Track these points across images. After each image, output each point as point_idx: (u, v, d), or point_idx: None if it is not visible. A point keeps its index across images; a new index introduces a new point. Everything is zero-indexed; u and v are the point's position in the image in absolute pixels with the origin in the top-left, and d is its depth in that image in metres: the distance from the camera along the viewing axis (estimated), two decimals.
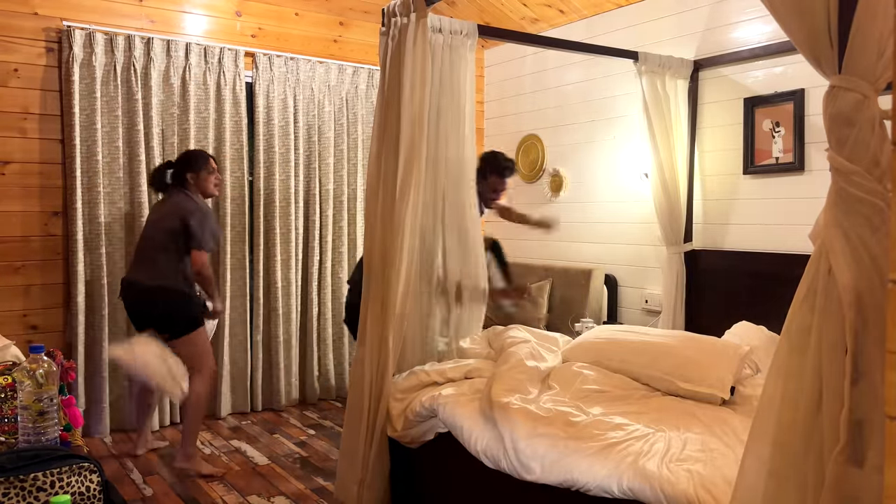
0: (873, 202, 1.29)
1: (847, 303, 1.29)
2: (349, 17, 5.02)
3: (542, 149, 5.13)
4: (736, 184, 3.90)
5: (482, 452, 2.48)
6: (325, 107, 4.82)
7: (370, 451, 2.89)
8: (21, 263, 3.97)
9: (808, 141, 3.56)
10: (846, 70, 1.35)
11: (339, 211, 4.91)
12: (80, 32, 3.97)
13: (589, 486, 2.12)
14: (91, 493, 1.50)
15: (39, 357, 1.64)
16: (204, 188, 3.62)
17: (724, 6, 3.93)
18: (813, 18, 1.37)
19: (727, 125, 3.95)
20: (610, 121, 4.63)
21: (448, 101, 3.11)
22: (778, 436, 1.37)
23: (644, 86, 3.91)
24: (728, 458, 2.05)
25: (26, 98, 3.94)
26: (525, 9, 4.96)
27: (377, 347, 2.90)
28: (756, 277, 3.71)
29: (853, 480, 1.26)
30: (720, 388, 2.69)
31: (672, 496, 1.92)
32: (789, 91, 3.60)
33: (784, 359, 1.39)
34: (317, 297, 4.85)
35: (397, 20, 2.91)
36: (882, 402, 1.26)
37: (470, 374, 2.98)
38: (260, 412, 4.63)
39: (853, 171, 1.31)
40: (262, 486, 3.40)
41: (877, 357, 1.27)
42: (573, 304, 4.60)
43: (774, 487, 1.37)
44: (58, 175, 4.04)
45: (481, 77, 5.67)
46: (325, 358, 4.88)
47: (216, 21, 4.51)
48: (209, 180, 3.63)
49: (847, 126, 1.33)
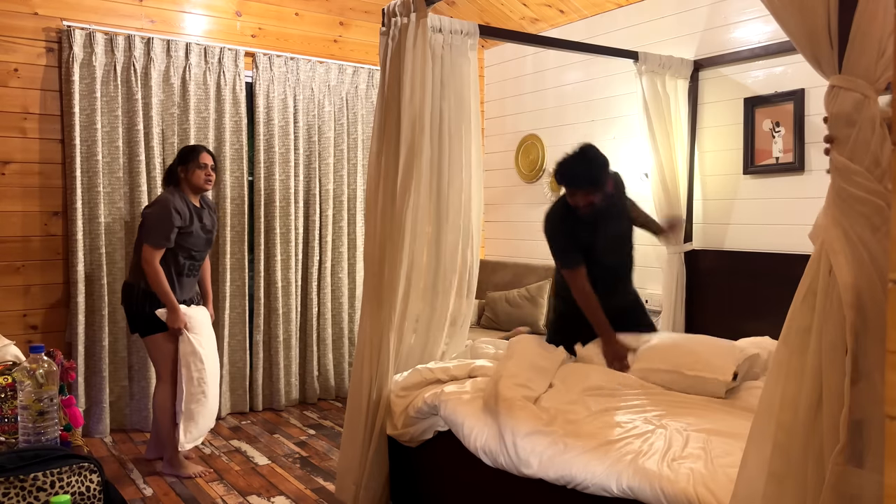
0: (874, 202, 1.29)
1: (847, 303, 1.29)
2: (349, 17, 5.02)
3: (542, 149, 5.13)
4: (736, 184, 3.90)
5: (481, 449, 2.49)
6: (325, 107, 4.82)
7: (370, 451, 2.89)
8: (21, 263, 3.97)
9: (808, 141, 3.56)
10: (846, 70, 1.35)
11: (339, 211, 4.91)
12: (80, 32, 3.97)
13: (587, 484, 2.12)
14: (91, 493, 1.50)
15: (39, 357, 1.64)
16: (193, 182, 3.52)
17: (724, 6, 3.93)
18: (813, 18, 1.37)
19: (727, 125, 3.95)
20: (610, 121, 4.63)
21: (449, 101, 3.11)
22: (778, 436, 1.36)
23: (644, 86, 3.91)
24: (730, 457, 2.05)
25: (26, 98, 3.94)
26: (525, 9, 4.96)
27: (377, 347, 2.90)
28: (756, 277, 3.71)
29: (853, 481, 1.26)
30: (722, 373, 2.74)
31: (671, 495, 1.92)
32: (789, 91, 3.60)
33: (784, 359, 1.39)
34: (317, 297, 4.85)
35: (397, 20, 2.91)
36: (881, 402, 1.27)
37: (474, 373, 2.99)
38: (260, 412, 4.63)
39: (854, 171, 1.30)
40: (262, 486, 3.40)
41: (877, 357, 1.27)
42: None
43: (774, 488, 1.37)
44: (58, 175, 4.04)
45: (481, 77, 5.67)
46: (325, 358, 4.88)
47: (216, 21, 4.51)
48: (199, 175, 3.51)
49: (847, 126, 1.33)
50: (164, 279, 3.38)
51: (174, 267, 3.49)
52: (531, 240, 5.26)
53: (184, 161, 3.53)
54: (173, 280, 3.47)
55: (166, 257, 3.44)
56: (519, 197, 5.38)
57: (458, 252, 3.21)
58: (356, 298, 4.97)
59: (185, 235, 3.47)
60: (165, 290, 3.38)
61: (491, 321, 4.91)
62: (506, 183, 5.50)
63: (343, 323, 4.95)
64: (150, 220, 3.42)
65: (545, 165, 5.12)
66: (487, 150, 5.70)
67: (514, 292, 4.87)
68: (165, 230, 3.38)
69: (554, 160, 5.05)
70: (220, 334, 4.45)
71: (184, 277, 3.54)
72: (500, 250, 5.58)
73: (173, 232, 3.41)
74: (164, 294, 3.38)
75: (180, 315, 3.39)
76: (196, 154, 3.54)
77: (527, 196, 5.30)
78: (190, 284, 3.61)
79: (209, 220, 3.64)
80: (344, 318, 4.95)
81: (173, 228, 3.40)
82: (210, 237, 3.64)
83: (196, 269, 3.63)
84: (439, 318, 3.21)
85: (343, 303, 4.94)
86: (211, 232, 3.65)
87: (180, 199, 3.48)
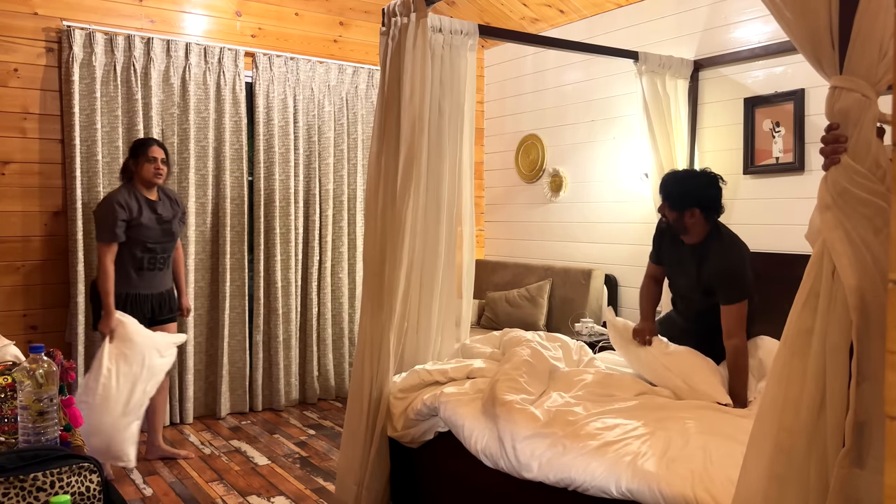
0: (876, 203, 1.29)
1: (852, 305, 1.29)
2: (349, 17, 5.02)
3: (542, 149, 5.13)
4: (736, 184, 3.90)
5: (482, 451, 2.48)
6: (325, 107, 4.81)
7: (370, 451, 2.89)
8: (21, 263, 3.97)
9: (808, 141, 3.56)
10: (847, 70, 1.34)
11: (339, 211, 4.91)
12: (80, 32, 3.97)
13: (587, 486, 2.12)
14: (91, 493, 1.50)
15: (39, 357, 1.64)
16: (143, 176, 3.49)
17: (724, 6, 3.93)
18: (815, 19, 1.37)
19: (727, 125, 3.95)
20: (610, 121, 4.63)
21: (448, 101, 3.11)
22: (780, 438, 1.36)
23: (644, 86, 3.91)
24: (731, 458, 2.04)
25: (26, 98, 3.94)
26: (525, 9, 4.96)
27: (377, 347, 2.90)
28: (756, 277, 3.69)
29: (859, 484, 1.26)
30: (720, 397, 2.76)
31: (670, 497, 1.91)
32: (789, 91, 3.60)
33: (785, 361, 1.39)
34: (317, 297, 4.85)
35: (397, 20, 2.91)
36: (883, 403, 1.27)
37: (472, 374, 2.98)
38: (260, 412, 4.63)
39: (857, 172, 1.30)
40: (262, 486, 3.40)
41: (880, 359, 1.27)
42: (573, 304, 4.60)
43: (776, 490, 1.36)
44: (58, 175, 4.04)
45: (481, 77, 5.67)
46: (325, 358, 4.88)
47: (216, 21, 4.51)
48: (147, 168, 3.48)
49: (848, 127, 1.33)
50: (109, 279, 3.36)
51: (131, 262, 3.48)
52: (531, 240, 5.26)
53: (134, 154, 3.53)
54: (132, 275, 3.46)
55: (122, 253, 3.44)
56: (519, 197, 5.38)
57: (453, 251, 3.21)
58: (356, 298, 4.97)
59: (135, 228, 3.45)
60: (107, 291, 3.36)
61: (491, 321, 4.91)
62: (506, 183, 5.50)
63: (343, 323, 4.95)
64: (96, 217, 3.47)
65: (545, 165, 5.12)
66: (487, 150, 5.70)
67: (514, 292, 4.87)
68: (109, 224, 3.38)
69: (554, 160, 5.07)
70: (220, 334, 4.45)
71: (144, 271, 3.53)
72: (500, 250, 5.58)
73: (118, 226, 3.39)
74: (104, 294, 3.37)
75: (110, 322, 3.33)
76: (146, 148, 3.51)
77: (527, 196, 5.30)
78: (155, 278, 3.58)
79: (168, 211, 3.59)
80: (344, 318, 4.95)
81: (117, 222, 3.38)
82: (169, 227, 3.58)
83: (160, 262, 3.59)
84: (437, 319, 3.21)
85: (343, 303, 4.94)
86: (169, 222, 3.59)
87: (127, 192, 3.47)
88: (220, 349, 4.45)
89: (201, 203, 4.42)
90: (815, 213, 1.41)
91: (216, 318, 4.49)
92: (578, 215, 4.87)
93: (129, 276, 3.47)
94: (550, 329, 4.66)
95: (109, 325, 3.33)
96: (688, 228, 2.93)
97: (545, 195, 5.11)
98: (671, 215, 2.95)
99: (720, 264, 2.87)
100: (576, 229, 4.89)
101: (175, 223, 3.64)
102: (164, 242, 3.59)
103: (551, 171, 5.06)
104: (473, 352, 3.25)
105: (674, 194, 2.93)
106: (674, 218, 2.94)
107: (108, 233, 3.39)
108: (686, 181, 2.97)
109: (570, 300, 4.63)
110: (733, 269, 2.86)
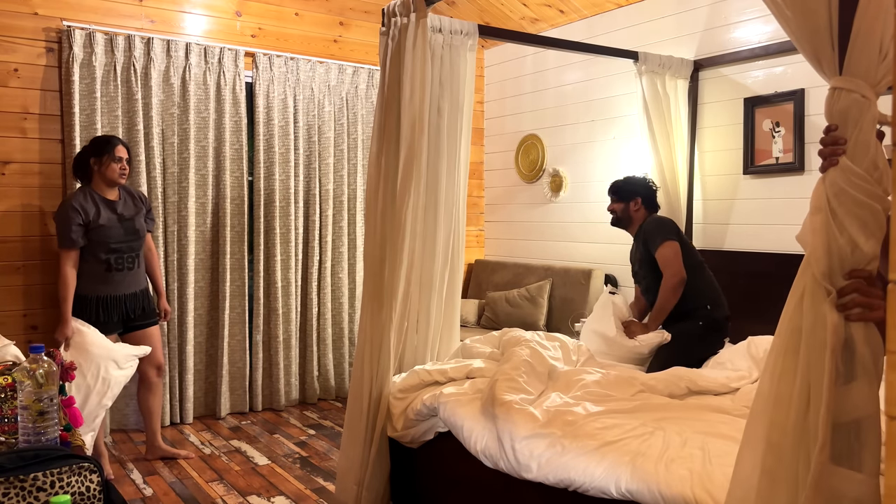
0: (871, 205, 1.29)
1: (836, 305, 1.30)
2: (349, 17, 5.02)
3: (542, 149, 5.13)
4: (736, 184, 3.90)
5: (481, 452, 2.48)
6: (325, 107, 4.82)
7: (370, 451, 2.89)
8: (21, 263, 3.97)
9: (808, 141, 3.56)
10: (847, 71, 1.34)
11: (339, 211, 4.91)
12: (80, 32, 3.97)
13: (586, 487, 2.12)
14: (91, 493, 1.51)
15: (39, 357, 1.64)
16: (108, 176, 3.40)
17: (724, 6, 3.93)
18: (815, 19, 1.37)
19: (727, 125, 3.95)
20: (610, 121, 4.63)
21: (448, 101, 3.11)
22: (771, 435, 1.37)
23: (644, 86, 3.91)
24: (730, 458, 2.04)
25: (26, 98, 3.94)
26: (525, 9, 4.96)
27: (377, 347, 2.90)
28: (756, 277, 3.71)
29: (834, 479, 1.27)
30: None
31: (670, 497, 1.92)
32: (789, 91, 3.60)
33: (777, 359, 1.40)
34: (317, 297, 4.85)
35: (397, 20, 2.91)
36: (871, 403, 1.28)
37: (472, 374, 2.98)
38: (260, 412, 4.63)
39: (855, 173, 1.30)
40: (262, 486, 3.40)
41: (868, 359, 1.28)
42: (573, 304, 4.60)
43: (767, 486, 1.38)
44: (58, 175, 4.04)
45: (481, 77, 5.67)
46: (325, 358, 4.89)
47: (216, 21, 4.51)
48: (113, 168, 3.39)
49: (847, 128, 1.33)
50: (66, 286, 3.31)
51: (97, 265, 3.40)
52: (531, 240, 5.26)
53: (98, 153, 3.42)
54: (100, 277, 3.40)
55: (87, 256, 3.39)
56: (519, 197, 5.39)
57: (448, 251, 3.21)
58: (356, 298, 4.98)
59: (95, 230, 3.37)
60: (64, 297, 3.31)
61: (491, 321, 4.91)
62: (506, 183, 5.50)
63: (343, 323, 4.95)
64: (55, 223, 3.40)
65: (545, 165, 5.12)
66: (487, 151, 5.70)
67: (514, 292, 4.87)
68: (65, 230, 3.31)
69: (554, 160, 5.07)
70: (220, 334, 4.45)
71: (113, 273, 3.43)
72: (500, 250, 5.58)
73: (73, 231, 3.31)
74: (61, 300, 3.31)
75: (65, 330, 3.27)
76: (111, 147, 3.41)
77: (527, 196, 5.30)
78: (125, 278, 3.48)
79: (129, 209, 3.50)
80: (344, 318, 4.95)
81: (72, 227, 3.30)
82: (132, 225, 3.49)
83: (128, 262, 3.48)
84: (437, 319, 3.21)
85: (343, 303, 4.94)
86: (132, 220, 3.49)
87: (83, 195, 3.39)
88: (220, 349, 4.46)
89: (201, 203, 4.42)
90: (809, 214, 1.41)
91: (216, 318, 4.49)
92: (578, 215, 4.87)
93: (97, 278, 3.40)
94: (550, 329, 4.66)
95: (65, 333, 3.26)
96: (632, 216, 3.59)
97: (545, 195, 5.11)
98: (619, 206, 3.61)
99: (642, 228, 3.52)
100: (576, 229, 4.89)
101: (138, 220, 3.53)
102: (130, 241, 3.48)
103: (551, 171, 5.06)
104: (473, 352, 3.25)
105: (621, 189, 3.61)
106: (621, 209, 3.60)
107: (65, 238, 3.32)
108: (630, 180, 3.65)
109: (569, 300, 4.64)
110: (645, 226, 3.51)
